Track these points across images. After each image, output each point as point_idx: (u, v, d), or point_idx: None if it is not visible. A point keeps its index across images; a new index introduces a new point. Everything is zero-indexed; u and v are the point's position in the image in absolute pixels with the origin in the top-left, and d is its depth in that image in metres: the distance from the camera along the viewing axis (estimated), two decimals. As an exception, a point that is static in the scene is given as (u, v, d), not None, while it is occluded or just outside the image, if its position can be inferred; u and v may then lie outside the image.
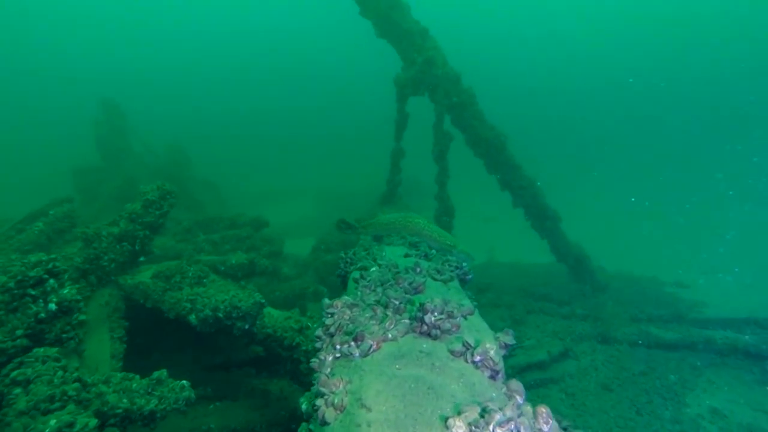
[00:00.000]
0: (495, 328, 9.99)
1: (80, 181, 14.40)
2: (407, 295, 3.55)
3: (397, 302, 3.32)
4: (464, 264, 4.86)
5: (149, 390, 4.59)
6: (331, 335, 2.94)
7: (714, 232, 21.38)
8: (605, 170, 35.62)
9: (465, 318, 3.31)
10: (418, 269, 4.37)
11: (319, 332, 3.01)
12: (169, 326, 6.93)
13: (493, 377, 2.52)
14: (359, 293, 3.67)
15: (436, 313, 2.87)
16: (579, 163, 38.07)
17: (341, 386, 2.37)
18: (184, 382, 4.79)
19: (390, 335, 2.81)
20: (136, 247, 7.02)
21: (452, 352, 2.64)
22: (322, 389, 2.39)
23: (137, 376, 4.84)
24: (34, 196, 12.16)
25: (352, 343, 2.75)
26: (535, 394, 8.61)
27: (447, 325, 2.85)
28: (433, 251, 5.30)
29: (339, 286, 5.19)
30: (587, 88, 54.74)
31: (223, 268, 9.34)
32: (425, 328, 2.85)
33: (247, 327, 5.70)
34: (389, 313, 3.12)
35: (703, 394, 8.40)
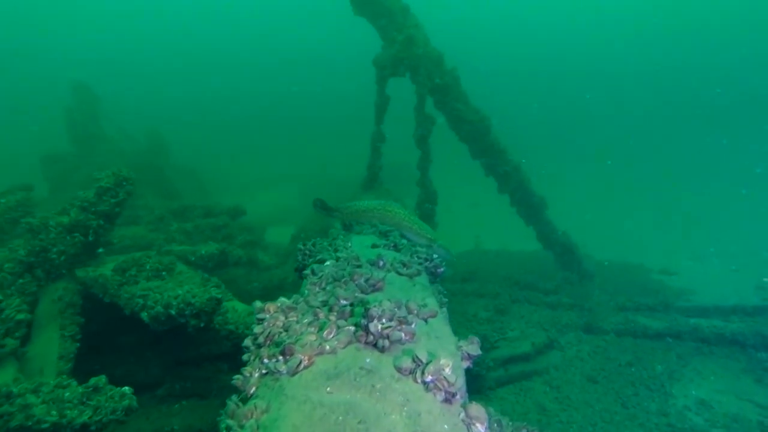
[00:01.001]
0: (478, 318, 9.44)
1: (49, 169, 13.63)
2: (361, 295, 3.04)
3: (345, 303, 2.81)
4: (435, 256, 4.35)
5: (84, 399, 4.06)
6: (259, 346, 2.42)
7: (702, 216, 21.12)
8: (605, 157, 35.24)
9: (426, 321, 2.80)
10: (381, 262, 3.85)
11: (247, 342, 2.49)
12: (139, 320, 6.42)
13: (448, 400, 2.02)
14: (306, 292, 3.15)
15: (384, 320, 2.36)
16: (575, 150, 37.66)
17: (252, 419, 1.86)
18: (126, 389, 4.27)
19: (328, 347, 2.30)
20: (90, 238, 6.43)
21: (399, 369, 2.13)
22: (229, 422, 1.87)
23: (73, 383, 4.31)
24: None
25: (280, 358, 2.23)
26: (518, 387, 8.22)
27: (398, 334, 2.34)
28: (404, 241, 4.79)
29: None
30: (587, 72, 53.94)
31: (193, 259, 8.77)
32: (371, 338, 2.34)
33: (202, 325, 5.17)
34: (333, 317, 2.60)
35: (689, 385, 8.04)
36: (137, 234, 10.32)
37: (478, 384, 8.12)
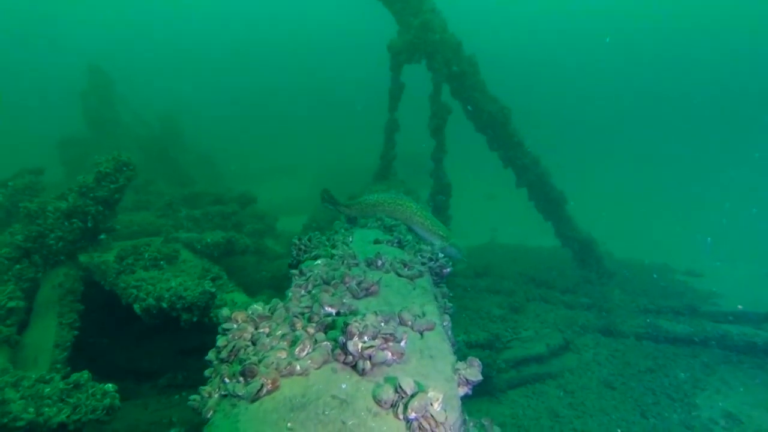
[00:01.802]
0: (491, 316, 8.93)
1: (66, 152, 13.61)
2: (351, 301, 2.66)
3: (330, 311, 2.43)
4: (441, 255, 3.95)
5: (63, 396, 3.81)
6: (222, 362, 2.07)
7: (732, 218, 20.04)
8: (624, 155, 33.98)
9: (421, 335, 2.41)
10: (380, 261, 3.46)
11: (210, 355, 2.15)
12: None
13: (435, 443, 1.64)
14: (289, 295, 2.79)
15: (366, 338, 1.98)
16: (598, 146, 36.41)
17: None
18: (109, 386, 4.01)
19: (299, 367, 1.93)
20: (88, 224, 6.20)
21: (379, 402, 1.75)
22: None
23: (56, 377, 4.06)
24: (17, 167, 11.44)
25: (241, 379, 1.88)
26: (530, 390, 7.80)
27: (382, 356, 1.96)
28: (409, 237, 4.39)
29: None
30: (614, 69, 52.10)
31: (199, 247, 8.54)
32: (350, 358, 1.97)
33: (194, 320, 4.88)
34: (311, 330, 2.24)
35: (716, 396, 7.48)
36: (146, 220, 10.16)
37: (488, 386, 7.72)
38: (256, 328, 2.21)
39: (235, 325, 2.18)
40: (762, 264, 13.42)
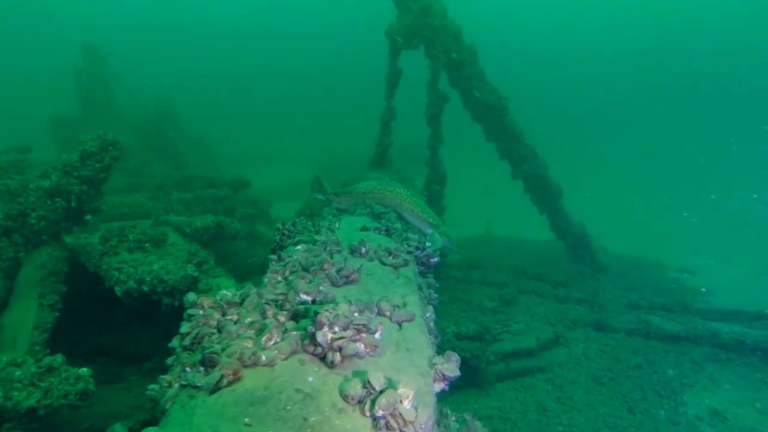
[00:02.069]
0: (482, 308, 8.83)
1: (58, 131, 13.35)
2: (328, 288, 2.53)
3: (305, 298, 2.31)
4: (428, 244, 3.82)
5: (35, 380, 3.69)
6: (185, 350, 1.95)
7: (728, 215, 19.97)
8: (623, 149, 33.75)
9: (400, 326, 2.29)
10: (363, 249, 3.33)
11: (174, 342, 2.02)
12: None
13: (404, 444, 1.52)
14: (265, 281, 2.66)
15: (336, 328, 1.85)
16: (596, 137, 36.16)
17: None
18: (84, 370, 3.88)
19: (264, 357, 1.81)
20: (72, 204, 6.04)
21: (345, 397, 1.63)
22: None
23: (29, 360, 3.94)
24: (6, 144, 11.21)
25: (201, 369, 1.75)
26: (519, 383, 7.75)
27: (354, 347, 1.83)
28: (397, 225, 4.25)
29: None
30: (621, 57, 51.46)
31: (188, 231, 8.40)
32: (319, 349, 1.84)
33: (176, 304, 4.75)
34: (282, 318, 2.11)
35: (703, 393, 7.45)
36: (136, 202, 9.99)
37: (477, 378, 7.67)
38: (224, 315, 2.08)
39: (200, 311, 2.05)
40: (754, 263, 13.39)
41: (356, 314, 2.01)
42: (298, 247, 3.20)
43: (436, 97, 9.44)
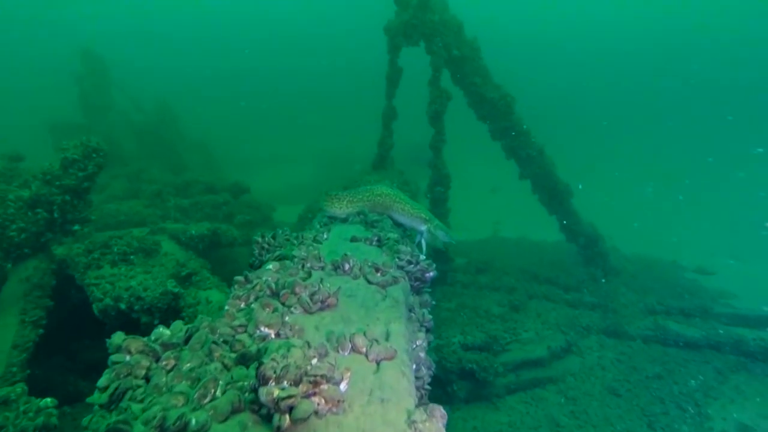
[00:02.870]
0: (490, 315, 8.33)
1: (58, 138, 13.14)
2: (297, 318, 2.13)
3: (266, 332, 1.90)
4: (422, 257, 3.39)
5: (-10, 412, 3.33)
6: (102, 407, 1.55)
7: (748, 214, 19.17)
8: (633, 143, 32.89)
9: (378, 366, 1.88)
10: (347, 265, 2.93)
11: (94, 397, 1.63)
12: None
13: None
14: (226, 309, 2.27)
15: (285, 383, 1.44)
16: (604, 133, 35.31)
17: None
18: (47, 401, 3.51)
19: (194, 421, 1.40)
20: (55, 215, 5.72)
21: (288, 485, 1.23)
22: None
23: (-10, 389, 3.59)
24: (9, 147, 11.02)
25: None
26: (529, 395, 7.28)
27: (306, 408, 1.42)
28: (391, 235, 3.83)
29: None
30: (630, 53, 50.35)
31: (183, 239, 8.08)
32: (263, 410, 1.44)
33: (156, 323, 4.39)
34: (229, 363, 1.71)
35: (729, 405, 6.91)
36: (133, 209, 9.71)
37: (485, 391, 7.21)
38: (158, 360, 1.68)
39: (126, 357, 1.66)
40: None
41: (315, 360, 1.60)
42: (269, 265, 2.80)
43: (438, 96, 9.00)
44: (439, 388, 7.15)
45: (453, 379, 7.18)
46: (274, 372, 1.42)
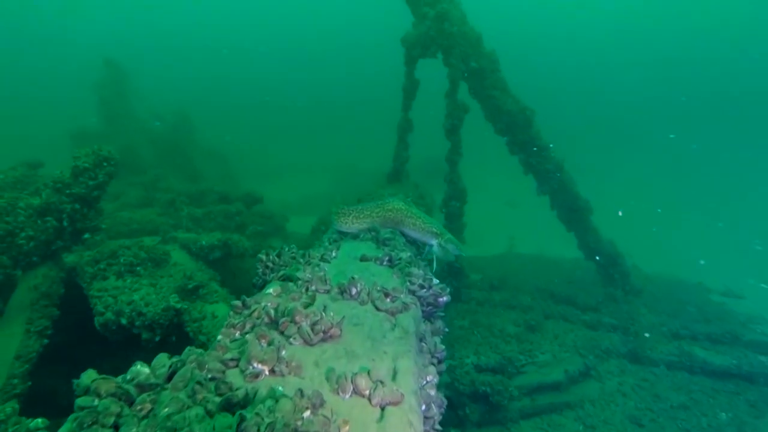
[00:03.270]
0: (505, 335, 8.01)
1: (78, 146, 13.28)
2: (295, 352, 1.92)
3: (260, 368, 1.70)
4: (436, 281, 3.16)
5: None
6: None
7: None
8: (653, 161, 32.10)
9: (382, 412, 1.65)
10: (354, 289, 2.71)
11: (58, 444, 1.43)
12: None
13: None
14: (218, 339, 2.06)
15: (269, 444, 1.22)
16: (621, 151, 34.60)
17: None
18: (38, 421, 3.35)
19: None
20: (64, 224, 5.64)
21: None
22: None
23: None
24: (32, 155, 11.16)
25: None
26: (545, 421, 6.92)
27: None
28: (403, 255, 3.61)
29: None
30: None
31: (194, 249, 7.97)
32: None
33: (157, 339, 4.21)
34: (211, 407, 1.50)
35: (763, 442, 6.46)
36: (146, 218, 9.66)
37: (498, 415, 6.88)
38: (131, 404, 1.48)
39: (95, 401, 1.46)
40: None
41: (307, 413, 1.38)
42: (270, 288, 2.59)
43: (455, 109, 8.80)
44: (451, 411, 6.84)
45: (465, 402, 6.87)
46: (258, 429, 1.20)
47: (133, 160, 13.41)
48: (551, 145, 9.35)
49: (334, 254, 3.69)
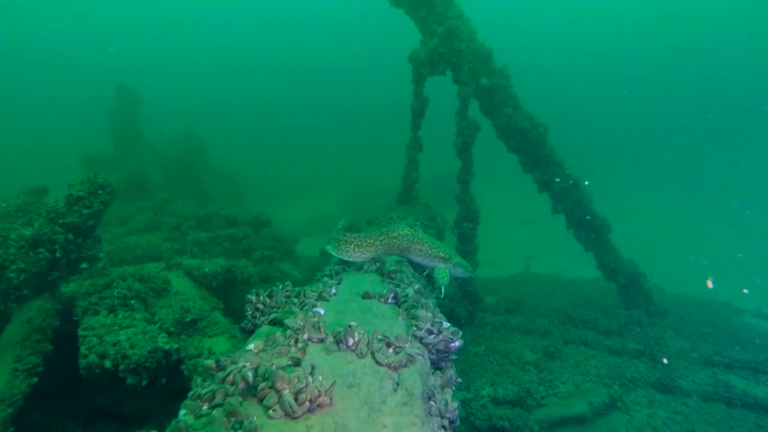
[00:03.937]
0: (522, 362, 7.46)
1: (90, 170, 13.24)
2: (281, 421, 1.51)
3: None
4: (447, 325, 2.73)
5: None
6: None
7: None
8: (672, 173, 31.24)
9: None
10: (351, 340, 2.31)
11: None
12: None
13: None
14: (179, 419, 1.67)
15: None
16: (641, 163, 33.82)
17: None
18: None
19: None
20: (57, 255, 5.35)
21: None
22: None
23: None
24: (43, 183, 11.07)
25: None
26: (569, 460, 6.33)
27: None
28: (408, 291, 3.19)
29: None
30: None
31: (197, 276, 7.66)
32: None
33: (144, 383, 3.83)
34: None
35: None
36: (151, 243, 9.39)
37: (517, 452, 6.32)
38: None
39: None
40: None
41: None
42: (251, 344, 2.20)
43: (465, 127, 8.44)
44: (468, 448, 6.32)
45: (482, 439, 6.34)
46: None
47: (142, 183, 13.29)
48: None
49: (333, 291, 3.29)
